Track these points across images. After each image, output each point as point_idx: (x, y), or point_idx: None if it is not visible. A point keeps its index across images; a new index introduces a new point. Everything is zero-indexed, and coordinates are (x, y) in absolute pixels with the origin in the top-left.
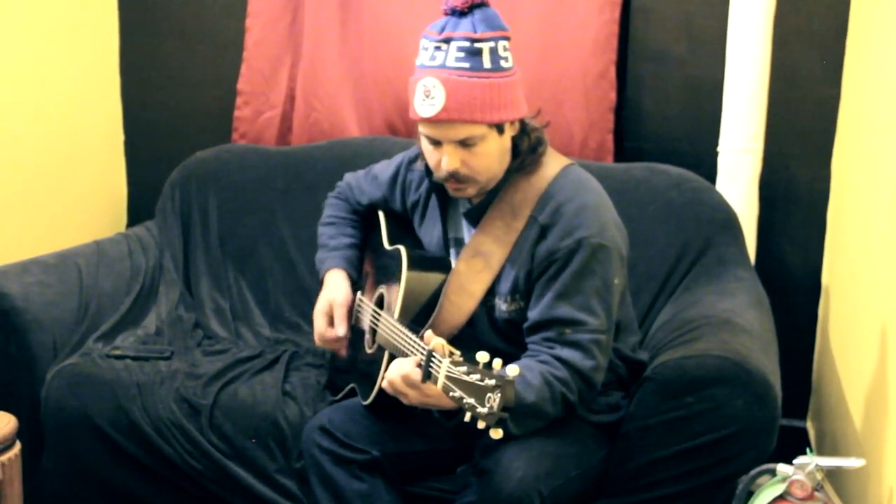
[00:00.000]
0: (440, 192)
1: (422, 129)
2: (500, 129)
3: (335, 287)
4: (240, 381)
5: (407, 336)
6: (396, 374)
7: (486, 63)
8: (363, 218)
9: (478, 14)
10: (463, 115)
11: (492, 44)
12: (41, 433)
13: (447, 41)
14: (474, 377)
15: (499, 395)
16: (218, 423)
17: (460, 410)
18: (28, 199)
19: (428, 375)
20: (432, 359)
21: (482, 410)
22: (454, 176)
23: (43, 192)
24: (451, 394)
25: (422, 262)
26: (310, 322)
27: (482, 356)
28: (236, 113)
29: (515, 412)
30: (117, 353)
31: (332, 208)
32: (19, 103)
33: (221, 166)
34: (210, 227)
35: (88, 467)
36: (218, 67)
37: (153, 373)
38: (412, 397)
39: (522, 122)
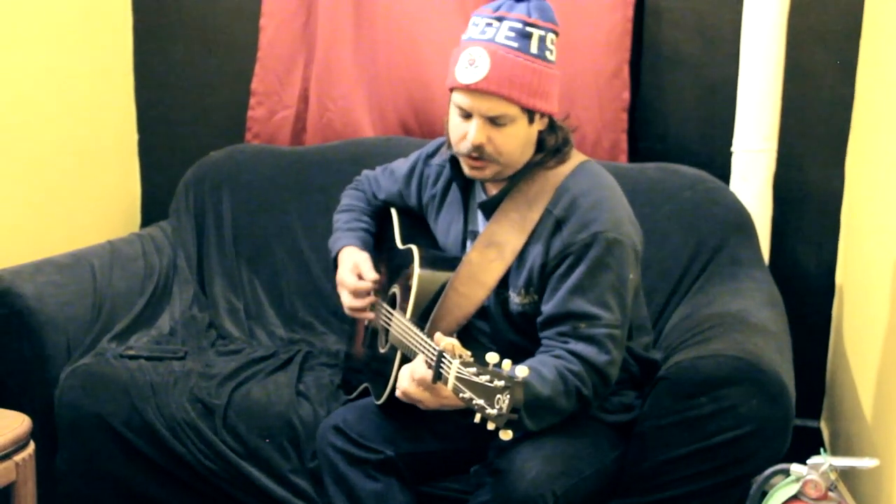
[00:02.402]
0: (463, 185)
1: (456, 98)
2: (531, 116)
3: (355, 254)
4: (254, 381)
5: (418, 336)
6: (409, 382)
7: (534, 48)
8: (378, 212)
9: (534, 3)
10: (502, 89)
11: (542, 32)
12: (55, 433)
13: (500, 20)
14: (484, 378)
15: (508, 396)
16: (232, 423)
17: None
18: (42, 200)
19: (438, 376)
20: (443, 359)
21: (492, 412)
22: (478, 150)
23: (57, 192)
24: (461, 395)
25: (434, 261)
26: (323, 322)
27: (492, 357)
28: (250, 113)
29: (529, 409)
30: (131, 353)
31: (348, 198)
32: (34, 104)
33: (235, 166)
34: (224, 227)
35: (102, 467)
36: (232, 67)
37: (167, 373)
38: (428, 402)
39: (551, 120)
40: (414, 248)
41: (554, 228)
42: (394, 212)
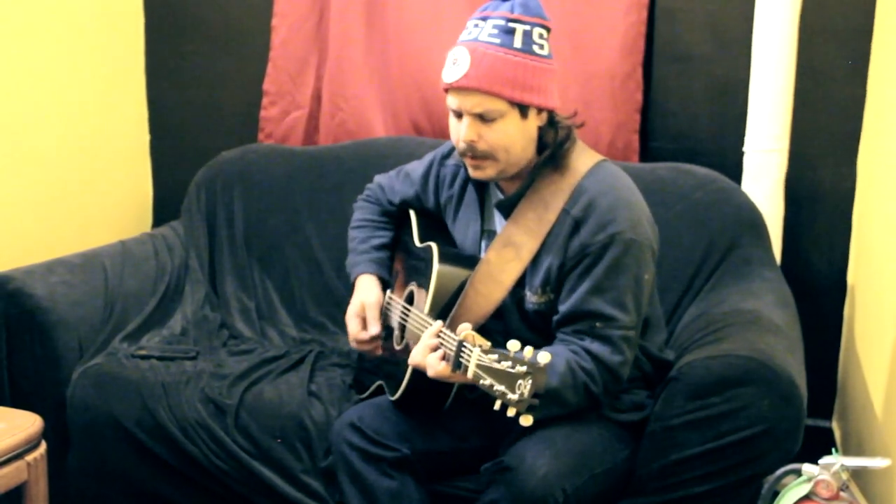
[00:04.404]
0: (478, 185)
1: (448, 100)
2: (522, 110)
3: (366, 290)
4: (265, 381)
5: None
6: (421, 356)
7: (517, 43)
8: (394, 219)
9: (519, 0)
10: (482, 84)
11: (526, 27)
12: (67, 433)
13: (485, 19)
14: (505, 364)
15: (530, 381)
16: (243, 424)
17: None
18: (54, 200)
19: (458, 365)
20: (463, 348)
21: (513, 397)
22: (471, 149)
23: (68, 192)
24: (481, 382)
25: (453, 258)
26: (335, 322)
27: (513, 345)
28: (262, 113)
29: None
30: (143, 353)
31: (361, 211)
32: (45, 104)
33: (247, 166)
34: (235, 227)
35: (114, 467)
36: (244, 67)
37: (179, 373)
38: (439, 370)
39: (552, 116)
40: (433, 245)
41: (572, 229)
42: (411, 212)
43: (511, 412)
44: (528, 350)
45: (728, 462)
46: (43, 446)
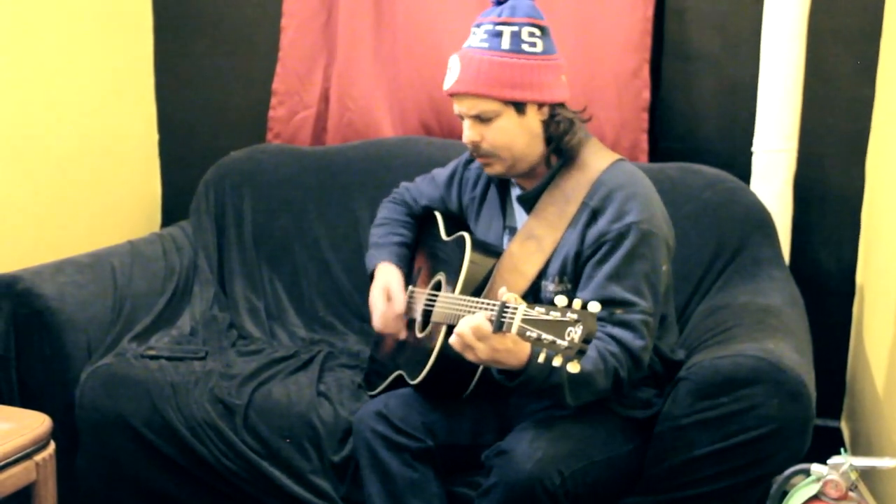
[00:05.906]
0: (500, 184)
1: (453, 106)
2: (518, 108)
3: (388, 273)
4: (274, 382)
5: (472, 301)
6: (466, 327)
7: (505, 44)
8: (416, 221)
9: (509, 3)
10: (469, 87)
11: (514, 28)
12: (75, 433)
13: (478, 26)
14: (554, 315)
15: (580, 327)
16: (252, 424)
17: (522, 372)
18: (62, 200)
19: (500, 326)
20: (506, 308)
21: (562, 343)
22: (476, 149)
23: (77, 192)
24: (527, 334)
25: (483, 247)
26: (344, 322)
27: (560, 300)
28: (271, 113)
29: (571, 383)
30: (152, 353)
31: (384, 210)
32: (54, 104)
33: (255, 166)
34: (244, 227)
35: (122, 467)
36: (252, 67)
37: (188, 373)
38: (480, 351)
39: (553, 110)
40: (465, 234)
41: (590, 218)
42: (437, 212)
43: (557, 361)
44: (577, 302)
45: (737, 462)
46: (51, 446)
